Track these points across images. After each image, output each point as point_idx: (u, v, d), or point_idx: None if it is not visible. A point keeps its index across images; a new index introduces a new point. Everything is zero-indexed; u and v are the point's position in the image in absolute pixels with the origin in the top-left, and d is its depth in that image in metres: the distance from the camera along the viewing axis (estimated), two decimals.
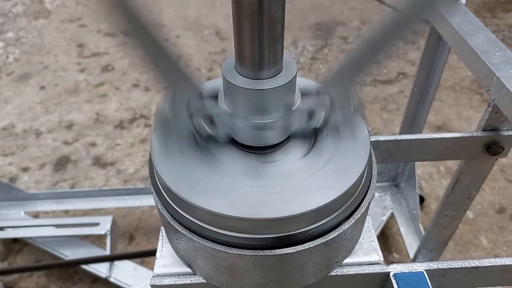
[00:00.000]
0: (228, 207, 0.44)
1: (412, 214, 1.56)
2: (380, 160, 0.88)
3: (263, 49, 0.43)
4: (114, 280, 1.43)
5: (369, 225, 0.59)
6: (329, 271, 0.54)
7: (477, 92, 2.43)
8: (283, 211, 0.44)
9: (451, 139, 0.85)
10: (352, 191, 0.48)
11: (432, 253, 1.29)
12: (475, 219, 1.75)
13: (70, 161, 2.07)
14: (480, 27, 0.90)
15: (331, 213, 0.47)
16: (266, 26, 0.42)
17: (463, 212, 1.09)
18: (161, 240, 0.58)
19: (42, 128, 2.28)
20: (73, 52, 2.91)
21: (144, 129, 2.26)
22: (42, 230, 1.51)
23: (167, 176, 0.48)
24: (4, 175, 1.99)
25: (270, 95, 0.45)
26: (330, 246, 0.49)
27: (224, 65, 0.48)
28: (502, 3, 3.28)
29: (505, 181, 1.90)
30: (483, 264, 0.58)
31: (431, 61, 1.21)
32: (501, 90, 0.75)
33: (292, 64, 0.48)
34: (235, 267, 0.49)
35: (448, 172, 1.94)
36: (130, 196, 1.64)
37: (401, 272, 0.54)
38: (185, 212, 0.48)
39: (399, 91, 2.48)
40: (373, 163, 0.55)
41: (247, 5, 0.40)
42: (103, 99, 2.49)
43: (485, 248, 1.65)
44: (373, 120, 2.26)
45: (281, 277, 0.50)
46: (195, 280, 0.55)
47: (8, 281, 1.55)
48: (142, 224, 1.76)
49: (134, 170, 2.01)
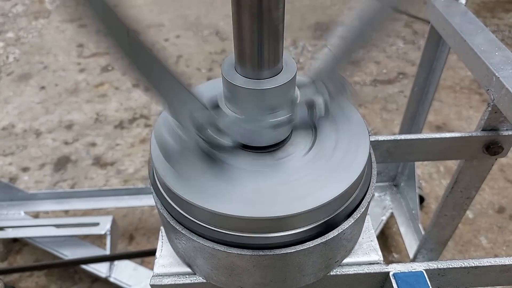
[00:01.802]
0: (227, 206, 0.45)
1: (412, 214, 1.56)
2: (380, 160, 0.88)
3: (263, 49, 0.43)
4: (114, 280, 1.43)
5: (369, 225, 0.59)
6: (329, 270, 0.54)
7: (477, 92, 2.43)
8: (283, 210, 0.44)
9: (450, 139, 0.85)
10: (352, 189, 0.48)
11: (431, 253, 1.29)
12: (474, 219, 1.75)
13: (70, 161, 2.07)
14: (480, 27, 0.90)
15: (331, 212, 0.47)
16: (266, 26, 0.42)
17: (463, 212, 1.09)
18: (161, 240, 0.58)
19: (42, 128, 2.28)
20: (73, 52, 2.91)
21: (144, 129, 2.26)
22: (42, 230, 1.51)
23: (166, 175, 0.48)
24: (4, 175, 2.00)
25: (270, 94, 0.46)
26: (330, 246, 0.49)
27: (224, 65, 0.48)
28: (502, 3, 3.27)
29: (504, 181, 1.90)
30: (482, 263, 0.58)
31: (431, 61, 1.21)
32: (501, 90, 0.75)
33: (292, 63, 0.48)
34: (234, 266, 0.49)
35: (448, 172, 1.95)
36: (130, 196, 1.64)
37: (400, 272, 0.55)
38: (185, 211, 0.48)
39: (399, 91, 2.48)
40: (372, 163, 0.55)
41: (247, 5, 0.40)
42: (103, 99, 2.49)
43: (485, 248, 1.65)
44: (373, 120, 2.27)
45: (280, 277, 0.50)
46: (195, 279, 0.55)
47: (8, 281, 1.55)
48: (142, 224, 1.76)
49: (134, 170, 2.01)
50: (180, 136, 0.50)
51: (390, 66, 2.68)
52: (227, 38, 3.02)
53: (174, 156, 0.49)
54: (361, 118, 0.55)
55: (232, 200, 0.45)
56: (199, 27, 3.16)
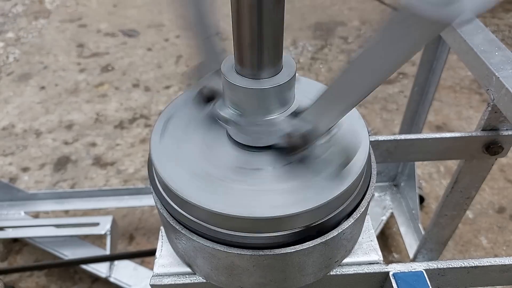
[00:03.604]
0: (227, 206, 0.44)
1: (412, 214, 1.56)
2: (380, 160, 0.88)
3: (262, 49, 0.43)
4: (114, 280, 1.43)
5: (369, 225, 0.59)
6: (329, 270, 0.54)
7: (477, 92, 2.43)
8: (283, 209, 0.44)
9: (450, 139, 0.85)
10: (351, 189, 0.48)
11: (431, 253, 1.29)
12: (474, 219, 1.75)
13: (70, 161, 2.07)
14: (480, 27, 0.90)
15: (330, 212, 0.47)
16: (266, 26, 0.42)
17: (463, 212, 1.09)
18: (161, 240, 0.58)
19: (42, 128, 2.28)
20: (73, 52, 2.91)
21: (144, 129, 2.26)
22: (42, 230, 1.51)
23: (166, 175, 0.48)
24: (4, 175, 2.00)
25: (269, 94, 0.46)
26: (330, 246, 0.49)
27: (223, 65, 0.48)
28: (502, 3, 3.27)
29: (504, 181, 1.90)
30: (482, 263, 0.58)
31: (431, 61, 1.21)
32: (501, 90, 0.75)
33: (291, 63, 0.48)
34: (234, 266, 0.49)
35: (448, 172, 1.95)
36: (130, 196, 1.64)
37: (400, 272, 0.55)
38: (185, 211, 0.48)
39: (399, 91, 2.48)
40: (372, 163, 0.55)
41: (246, 5, 0.40)
42: (103, 99, 2.49)
43: (485, 248, 1.65)
44: (373, 120, 2.26)
45: (280, 277, 0.50)
46: (195, 279, 0.55)
47: (8, 281, 1.55)
48: (142, 224, 1.76)
49: (134, 170, 2.01)
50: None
51: None
52: (227, 38, 3.01)
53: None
54: (360, 118, 0.55)
55: (231, 199, 0.45)
56: None
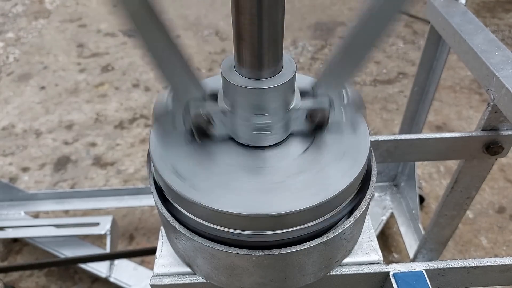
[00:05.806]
0: (227, 204, 0.44)
1: (412, 214, 1.56)
2: (380, 160, 0.88)
3: (262, 49, 0.43)
4: (114, 280, 1.43)
5: (369, 225, 0.59)
6: (329, 270, 0.54)
7: (477, 92, 2.43)
8: (282, 207, 0.44)
9: (450, 139, 0.85)
10: (351, 189, 0.48)
11: (432, 253, 1.29)
12: (475, 219, 1.75)
13: (70, 161, 2.07)
14: (480, 27, 0.90)
15: (330, 211, 0.47)
16: (266, 26, 0.42)
17: (463, 211, 1.09)
18: (161, 239, 0.58)
19: (42, 128, 2.28)
20: (73, 52, 2.91)
21: (144, 129, 2.26)
22: (42, 230, 1.51)
23: (166, 174, 0.48)
24: (4, 175, 1.99)
25: (270, 94, 0.46)
26: (330, 246, 0.49)
27: (223, 65, 0.48)
28: (502, 3, 3.27)
29: (504, 181, 1.90)
30: (482, 263, 0.58)
31: (431, 61, 1.21)
32: (501, 90, 0.75)
33: (291, 63, 0.48)
34: (234, 266, 0.49)
35: (448, 172, 1.95)
36: (130, 196, 1.64)
37: (400, 272, 0.55)
38: (185, 210, 0.48)
39: (399, 91, 2.48)
40: (372, 163, 0.55)
41: (246, 5, 0.40)
42: (103, 99, 2.49)
43: (485, 248, 1.65)
44: (373, 120, 2.26)
45: (280, 277, 0.50)
46: (195, 279, 0.55)
47: (8, 281, 1.55)
48: (142, 224, 1.76)
49: (134, 170, 2.01)
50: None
51: (390, 66, 2.68)
52: (227, 38, 3.02)
53: (165, 124, 0.51)
54: (367, 131, 0.54)
55: (231, 198, 0.45)
56: (199, 27, 3.16)
